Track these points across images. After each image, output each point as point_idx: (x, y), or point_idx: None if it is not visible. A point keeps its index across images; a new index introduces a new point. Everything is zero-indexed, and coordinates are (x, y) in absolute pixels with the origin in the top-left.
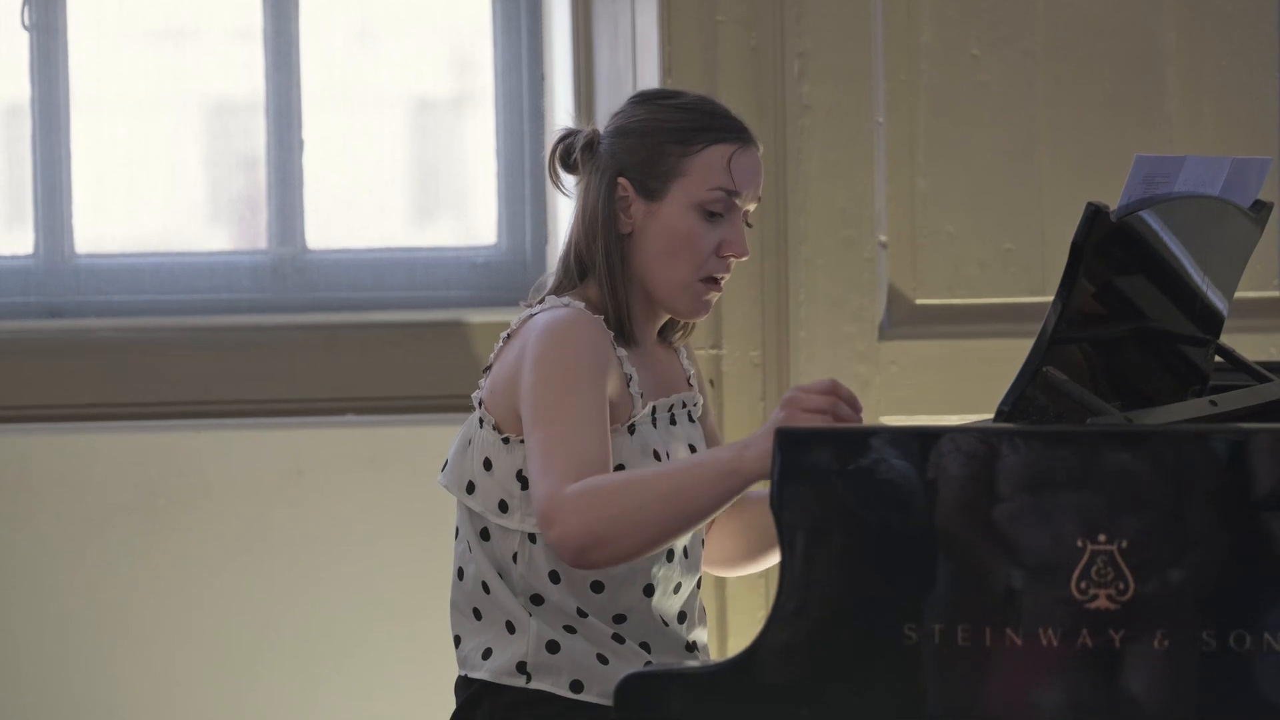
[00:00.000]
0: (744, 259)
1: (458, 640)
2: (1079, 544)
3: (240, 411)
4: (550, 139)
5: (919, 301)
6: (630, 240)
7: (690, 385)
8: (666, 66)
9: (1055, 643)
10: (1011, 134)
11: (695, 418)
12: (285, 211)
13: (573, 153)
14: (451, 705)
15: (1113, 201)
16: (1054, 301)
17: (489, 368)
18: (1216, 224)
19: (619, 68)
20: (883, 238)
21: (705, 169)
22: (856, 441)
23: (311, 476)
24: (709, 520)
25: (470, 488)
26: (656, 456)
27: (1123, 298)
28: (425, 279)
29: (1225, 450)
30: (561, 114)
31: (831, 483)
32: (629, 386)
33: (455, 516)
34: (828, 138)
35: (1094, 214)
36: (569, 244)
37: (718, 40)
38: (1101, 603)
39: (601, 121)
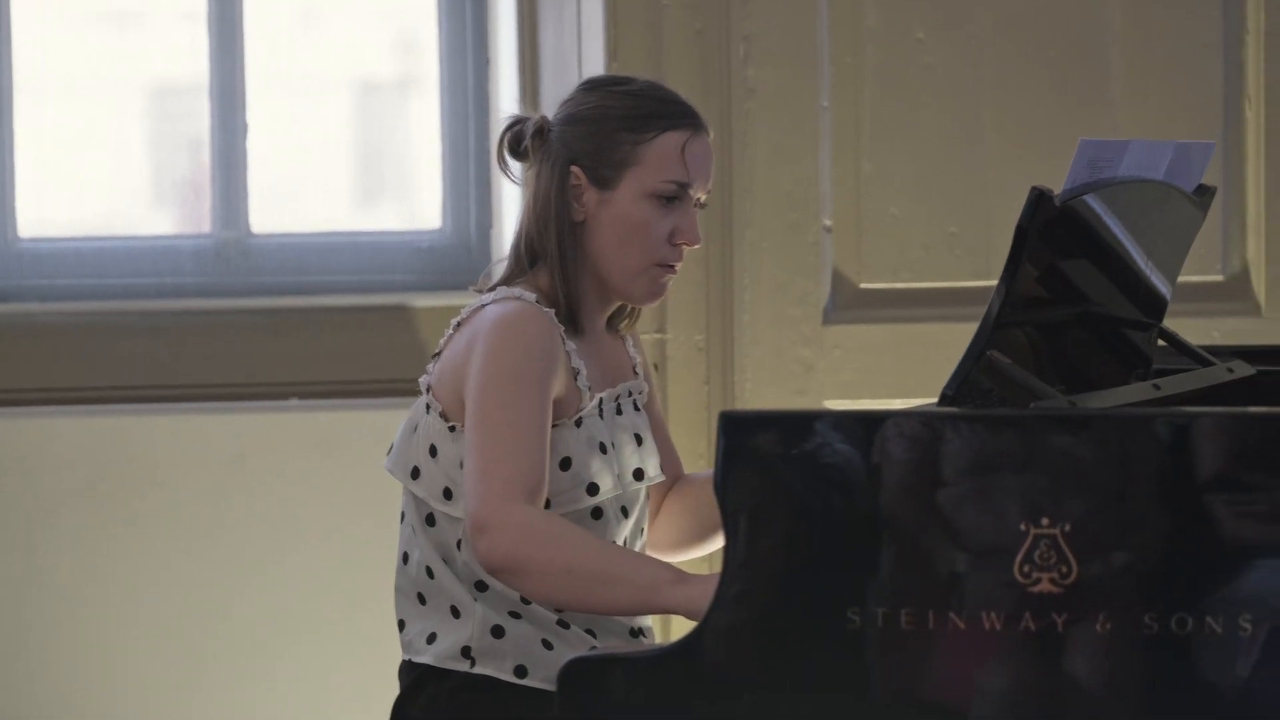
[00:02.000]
0: (696, 246)
1: (402, 625)
2: (1022, 527)
3: (184, 396)
4: (497, 124)
5: (863, 285)
6: (583, 228)
7: (636, 374)
8: (612, 50)
9: (998, 626)
10: (956, 118)
11: (641, 406)
12: (229, 195)
13: (522, 140)
14: (396, 690)
15: (1057, 185)
16: (998, 285)
17: (438, 354)
18: (1160, 208)
19: (564, 51)
20: (827, 221)
21: (658, 158)
22: (800, 425)
23: (255, 461)
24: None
25: (415, 473)
26: (602, 449)
27: (1067, 282)
28: (369, 263)
29: (1168, 434)
30: (506, 98)
31: (775, 466)
32: (577, 380)
33: (400, 501)
34: (773, 121)
35: (1038, 198)
36: (520, 232)
37: (663, 24)
38: (1044, 586)
39: (549, 107)
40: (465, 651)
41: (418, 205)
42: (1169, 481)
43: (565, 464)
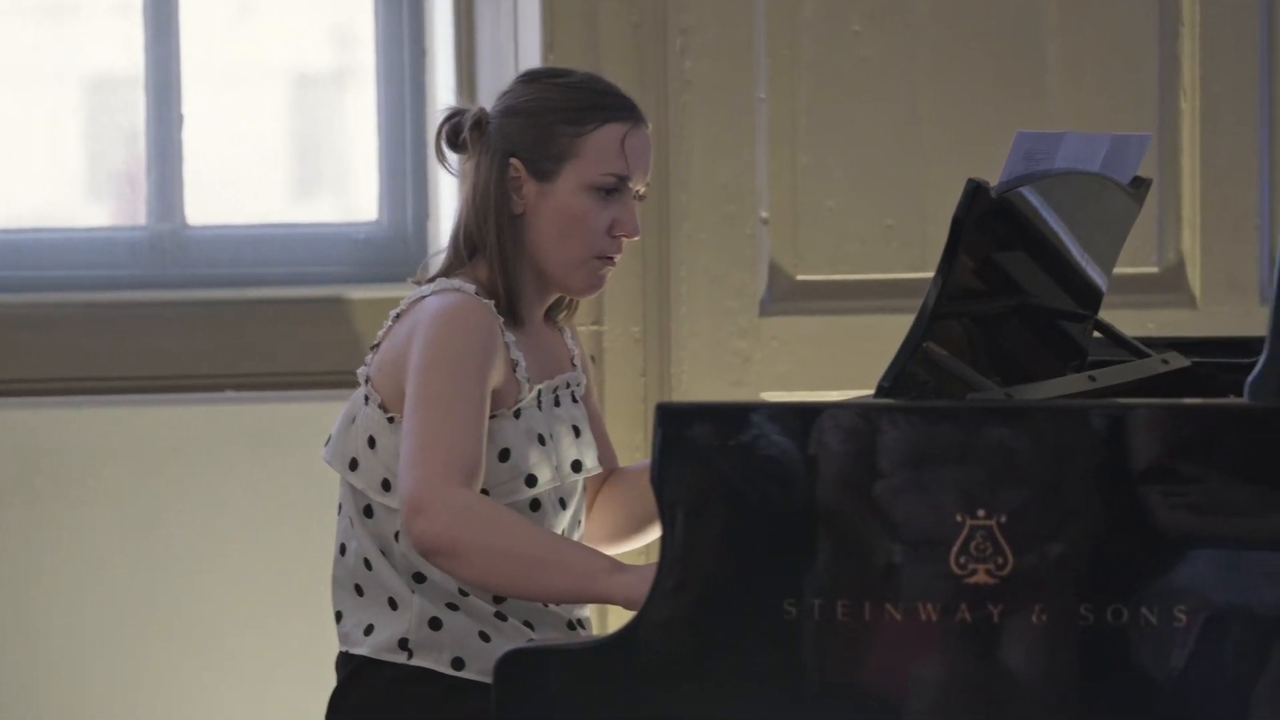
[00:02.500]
0: (635, 238)
1: (339, 616)
2: (958, 519)
3: (119, 388)
4: (433, 116)
5: (800, 277)
6: (522, 220)
7: (574, 366)
8: (549, 42)
9: (934, 617)
10: (893, 110)
11: (579, 398)
12: (164, 187)
13: (460, 132)
14: (333, 682)
15: (994, 177)
16: (935, 277)
17: (376, 345)
18: (1096, 200)
19: (500, 43)
20: (764, 214)
21: (598, 150)
22: (737, 417)
23: (190, 453)
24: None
25: (353, 464)
26: (541, 440)
27: (1003, 273)
28: (305, 255)
29: (1104, 425)
30: (443, 89)
31: (712, 458)
32: (515, 372)
33: (336, 493)
34: (709, 114)
35: (974, 190)
36: (458, 224)
37: (599, 16)
38: (980, 578)
39: (486, 99)
40: (403, 643)
41: (354, 197)
42: (1104, 473)
43: (504, 455)
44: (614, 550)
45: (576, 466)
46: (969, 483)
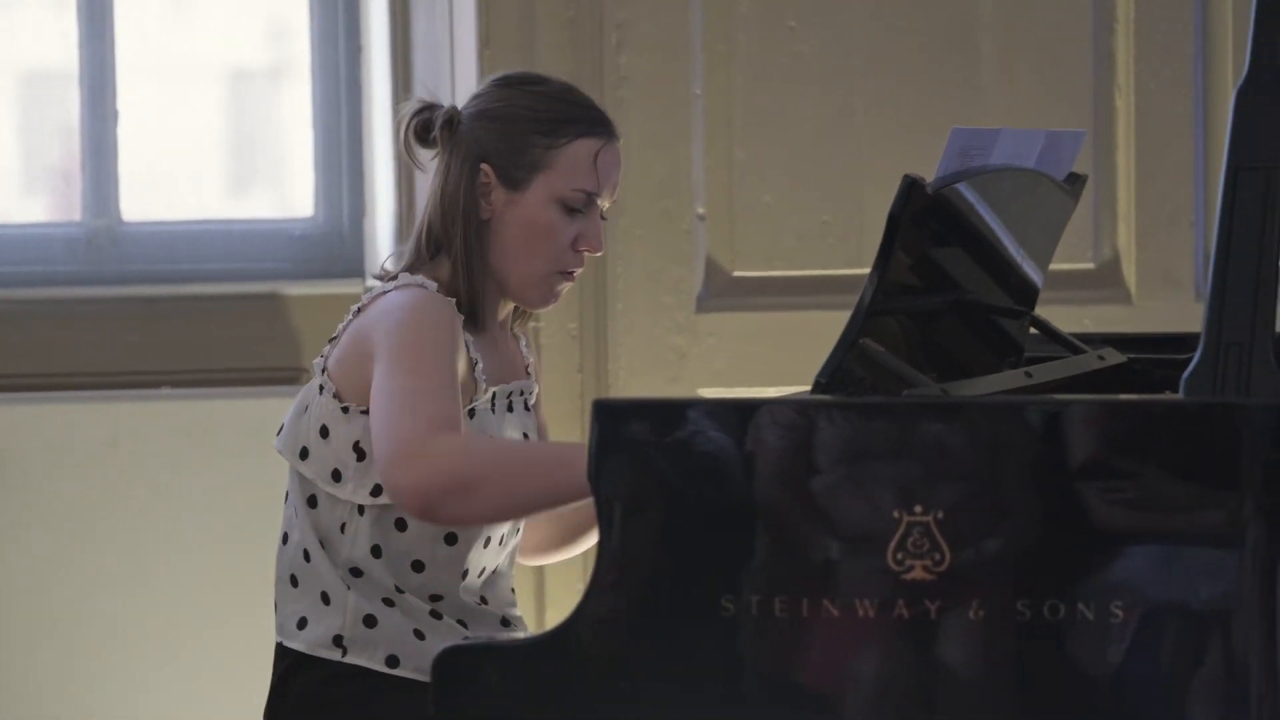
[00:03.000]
0: (598, 255)
1: (276, 606)
2: (895, 515)
3: (55, 385)
4: (369, 111)
5: (737, 273)
6: (488, 226)
7: (528, 374)
8: (484, 37)
9: (872, 614)
10: (829, 105)
11: (529, 406)
12: (100, 183)
13: (431, 129)
14: (269, 673)
15: (929, 173)
16: (871, 274)
17: (335, 338)
18: (1031, 196)
19: (436, 38)
20: (700, 209)
21: (570, 165)
22: (674, 413)
23: (127, 450)
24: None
25: (304, 453)
26: None
27: (939, 270)
28: (242, 251)
29: (1040, 421)
30: (379, 85)
31: (648, 455)
32: (474, 371)
33: (274, 488)
34: (645, 109)
35: (910, 186)
36: (423, 223)
37: (535, 11)
38: (918, 574)
39: (421, 95)
40: (337, 640)
41: (290, 193)
42: (1041, 469)
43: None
44: (547, 560)
45: None
46: (906, 479)
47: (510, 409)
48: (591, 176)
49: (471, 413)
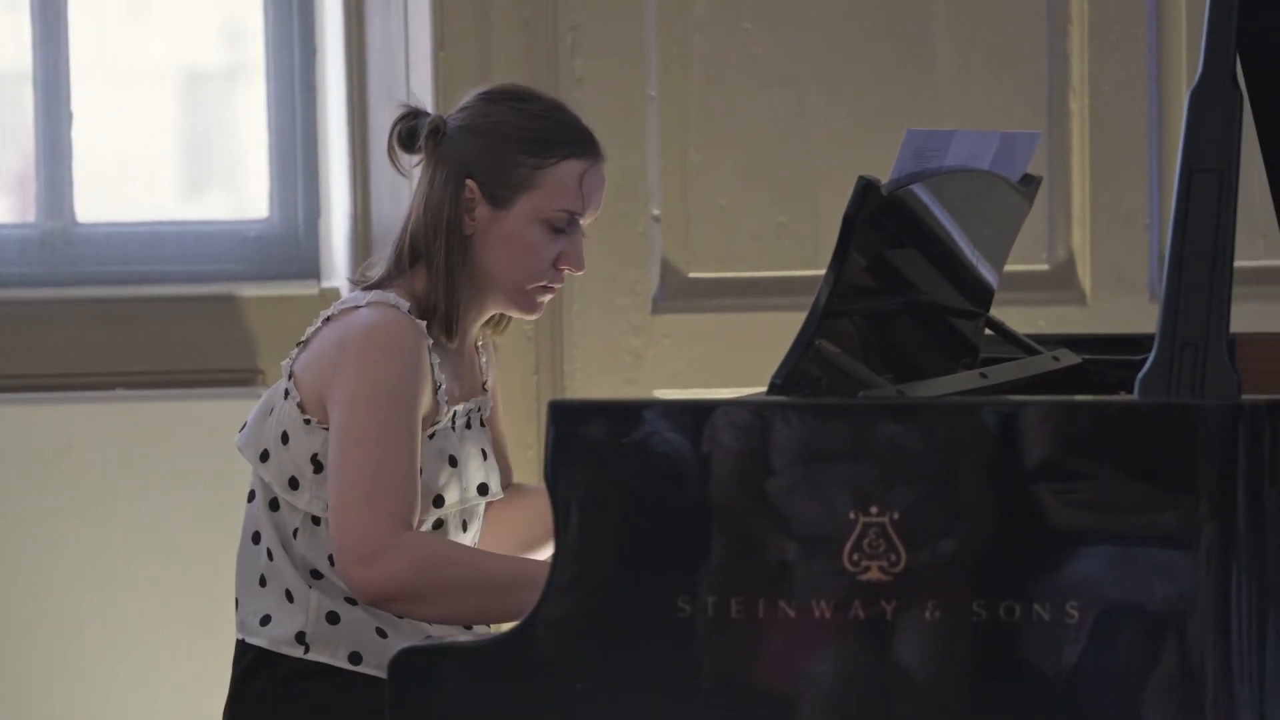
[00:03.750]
0: (580, 273)
1: (238, 604)
2: (851, 516)
3: (9, 386)
4: (324, 113)
5: (692, 275)
6: (470, 241)
7: (485, 390)
8: (439, 39)
9: (828, 614)
10: (784, 107)
11: (485, 421)
12: (54, 184)
13: (416, 137)
14: (227, 680)
15: (884, 175)
16: (826, 275)
17: (305, 342)
18: (986, 198)
19: (391, 40)
20: (656, 211)
21: (556, 186)
22: (630, 414)
23: (82, 451)
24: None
25: (264, 456)
26: (452, 461)
27: (894, 271)
28: (196, 252)
29: (995, 422)
30: (334, 87)
31: (605, 456)
32: (437, 394)
33: (227, 490)
34: (600, 111)
35: (865, 187)
36: (404, 232)
37: (490, 13)
38: (873, 574)
39: (376, 97)
40: (300, 637)
41: (245, 194)
42: (996, 470)
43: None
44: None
45: (483, 489)
46: (862, 480)
47: (469, 426)
48: (577, 197)
49: (432, 434)
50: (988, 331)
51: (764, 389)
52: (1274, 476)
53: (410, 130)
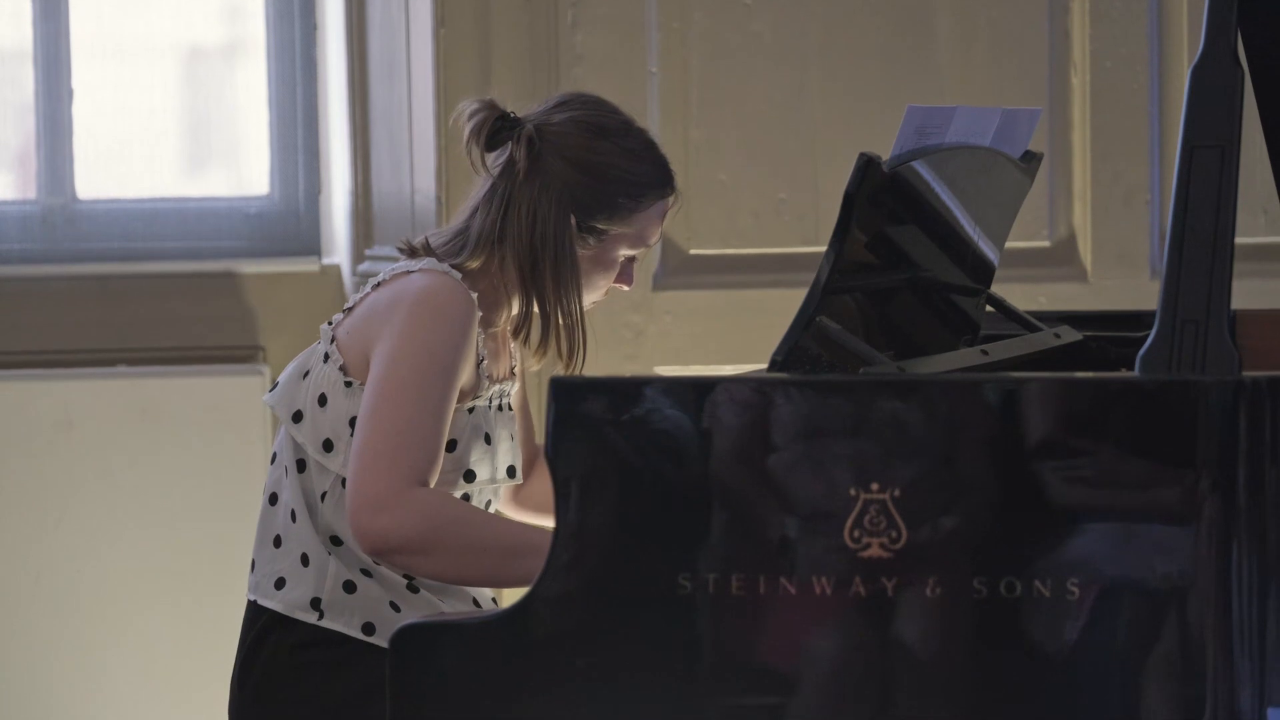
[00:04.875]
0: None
1: (253, 565)
2: (852, 493)
3: (10, 363)
4: (324, 89)
5: (693, 251)
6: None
7: (513, 374)
8: (440, 16)
9: (829, 591)
10: (785, 84)
11: (512, 406)
12: (55, 161)
13: (501, 140)
14: (226, 659)
15: (886, 151)
16: (827, 251)
17: (350, 309)
18: (987, 174)
19: (392, 17)
20: None
21: (644, 224)
22: (631, 391)
23: (82, 428)
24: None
25: (297, 416)
26: (487, 439)
27: (895, 248)
28: (197, 229)
29: (996, 399)
30: (334, 63)
31: (605, 433)
32: (479, 367)
33: (227, 464)
34: (601, 87)
35: (866, 164)
36: (481, 225)
37: None
38: (874, 551)
39: (377, 74)
40: (315, 603)
41: (245, 171)
42: (997, 446)
43: (451, 445)
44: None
45: (511, 472)
46: (862, 456)
47: (501, 408)
48: (657, 232)
49: (471, 409)
50: (989, 308)
51: (765, 365)
52: (1275, 453)
53: (494, 132)
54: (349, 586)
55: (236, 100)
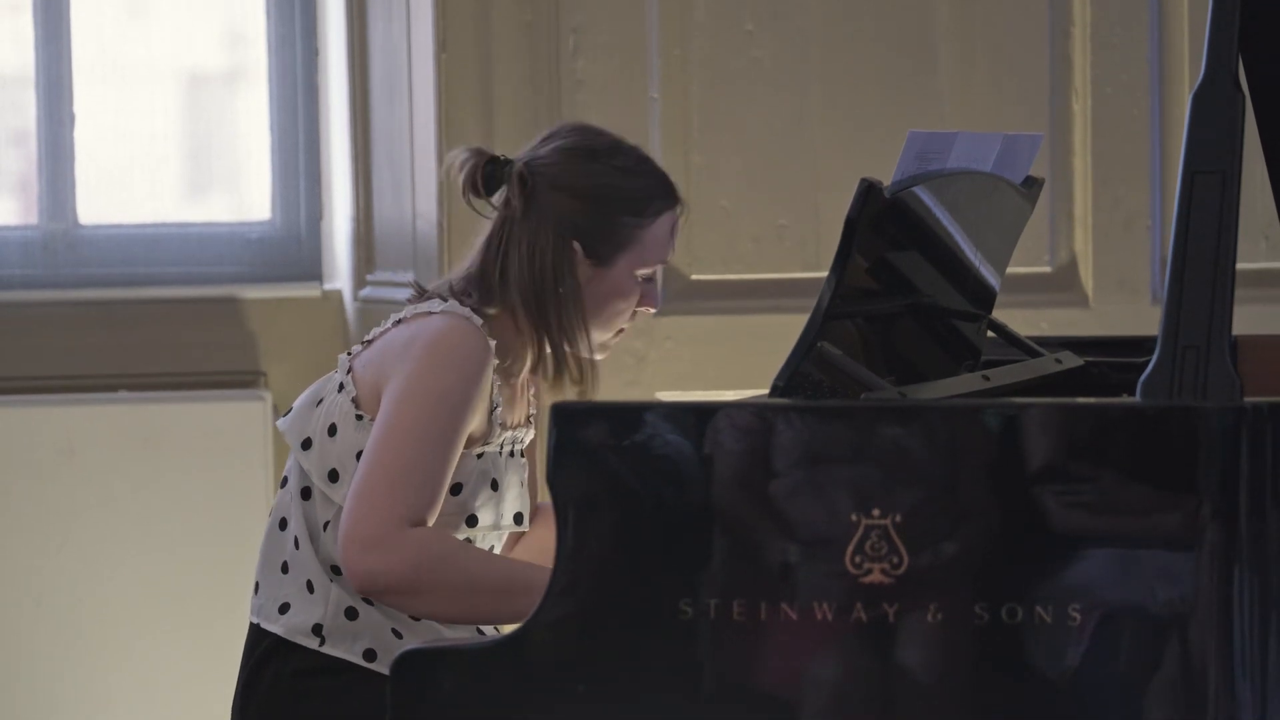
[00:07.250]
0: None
1: (256, 588)
2: (853, 518)
3: (12, 389)
4: (326, 115)
5: (694, 277)
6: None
7: (529, 421)
8: (441, 41)
9: (830, 617)
10: (785, 109)
11: (523, 453)
12: (56, 186)
13: (495, 184)
14: (230, 682)
15: (887, 177)
16: (828, 277)
17: (369, 341)
18: (988, 200)
19: (393, 42)
20: None
21: (654, 240)
22: (632, 416)
23: (84, 454)
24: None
25: (307, 444)
26: (494, 485)
27: (896, 273)
28: (199, 255)
29: (997, 425)
30: (336, 89)
31: (606, 458)
32: (492, 415)
33: (229, 490)
34: (602, 113)
35: (867, 189)
36: (493, 268)
37: (492, 16)
38: (875, 577)
39: (379, 100)
40: (316, 629)
41: (247, 196)
42: (998, 472)
43: (456, 489)
44: None
45: (518, 519)
46: (864, 482)
47: (513, 455)
48: (669, 247)
49: (480, 454)
50: (990, 334)
51: (766, 391)
52: (1276, 479)
53: (488, 177)
54: (350, 613)
55: (238, 125)
